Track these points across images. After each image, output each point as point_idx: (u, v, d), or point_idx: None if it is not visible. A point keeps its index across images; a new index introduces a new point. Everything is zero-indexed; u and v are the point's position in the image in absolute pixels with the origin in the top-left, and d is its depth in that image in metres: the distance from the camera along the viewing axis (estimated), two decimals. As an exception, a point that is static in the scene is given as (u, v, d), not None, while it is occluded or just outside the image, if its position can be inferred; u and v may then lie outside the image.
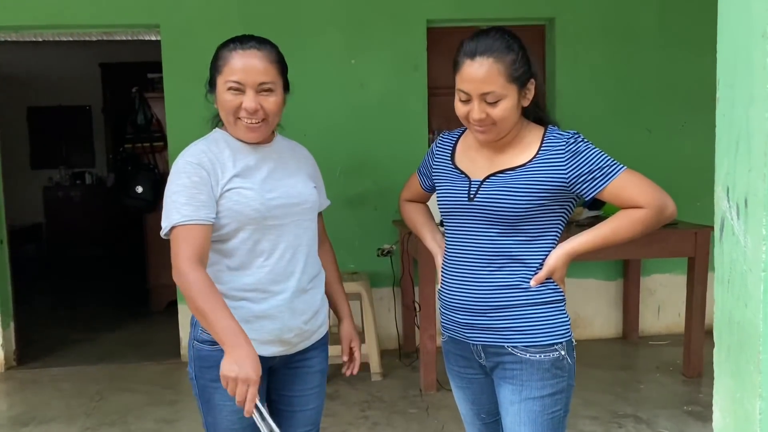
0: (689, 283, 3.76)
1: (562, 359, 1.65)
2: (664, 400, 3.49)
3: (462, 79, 1.61)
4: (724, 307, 1.39)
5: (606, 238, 1.64)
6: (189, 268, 1.55)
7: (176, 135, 4.16)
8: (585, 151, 1.61)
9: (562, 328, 1.66)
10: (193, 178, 1.61)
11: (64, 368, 4.19)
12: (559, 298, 1.67)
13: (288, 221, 1.70)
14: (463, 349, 1.74)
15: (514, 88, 1.60)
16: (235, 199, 1.64)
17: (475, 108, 1.59)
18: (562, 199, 1.65)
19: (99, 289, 6.65)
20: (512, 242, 1.64)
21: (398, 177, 4.28)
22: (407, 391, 3.67)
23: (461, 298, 1.69)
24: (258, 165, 1.71)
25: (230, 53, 1.65)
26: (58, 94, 8.25)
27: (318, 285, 1.81)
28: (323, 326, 1.84)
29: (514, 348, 1.64)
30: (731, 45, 1.32)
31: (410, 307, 4.17)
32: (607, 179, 1.59)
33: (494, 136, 1.63)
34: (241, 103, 1.64)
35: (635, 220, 1.61)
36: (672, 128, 4.48)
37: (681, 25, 4.41)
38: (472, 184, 1.68)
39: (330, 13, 4.23)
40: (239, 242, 1.67)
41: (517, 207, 1.61)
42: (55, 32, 4.48)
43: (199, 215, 1.59)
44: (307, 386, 1.83)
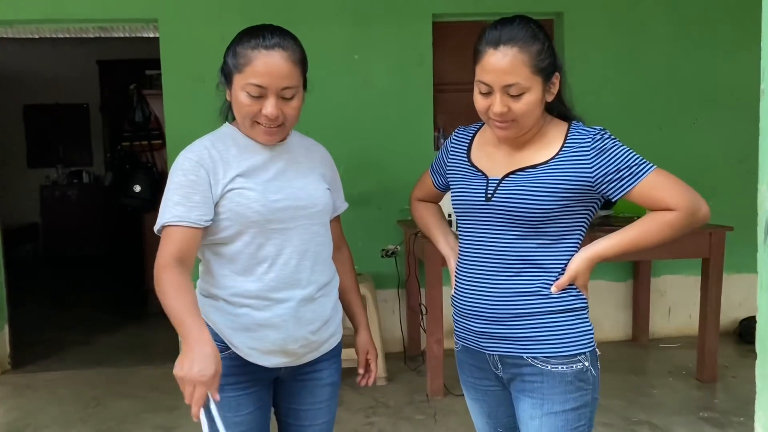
0: (703, 285, 3.66)
1: (585, 371, 1.53)
2: (678, 406, 3.38)
3: (483, 70, 1.49)
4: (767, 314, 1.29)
5: (633, 242, 1.53)
6: (165, 266, 1.47)
7: (175, 133, 4.05)
8: (612, 148, 1.49)
9: (586, 338, 1.54)
10: (189, 176, 1.52)
11: (59, 372, 4.08)
12: (582, 305, 1.56)
13: (294, 225, 1.59)
14: (479, 360, 1.63)
15: (539, 80, 1.49)
16: (237, 200, 1.53)
17: (497, 101, 1.48)
18: (586, 199, 1.53)
19: (96, 290, 6.54)
20: (532, 245, 1.53)
21: (403, 175, 4.21)
22: (413, 397, 3.56)
23: (476, 305, 1.58)
24: (266, 165, 1.59)
25: (253, 52, 1.51)
26: (55, 92, 8.15)
27: (329, 293, 1.69)
28: (334, 337, 1.72)
29: (534, 359, 1.53)
30: (779, 31, 1.21)
31: (415, 309, 4.06)
32: (635, 179, 1.48)
33: (515, 132, 1.53)
34: (261, 109, 1.52)
35: (665, 224, 1.50)
36: (683, 125, 4.38)
37: (692, 19, 4.32)
38: (489, 182, 1.57)
39: (333, 7, 4.12)
40: (242, 246, 1.56)
41: (538, 207, 1.50)
42: (51, 27, 4.36)
43: (190, 217, 1.50)
44: (316, 399, 1.72)
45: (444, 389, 3.53)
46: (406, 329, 4.25)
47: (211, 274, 1.60)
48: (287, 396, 1.71)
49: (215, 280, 1.58)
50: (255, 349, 1.58)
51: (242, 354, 1.59)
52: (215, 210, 1.54)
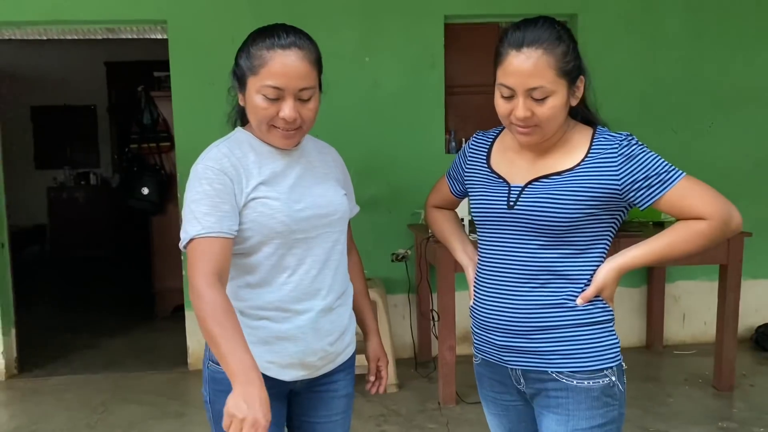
0: (721, 292, 3.59)
1: (612, 386, 1.48)
2: (696, 415, 3.32)
3: (505, 73, 1.42)
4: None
5: (663, 252, 1.47)
6: (206, 288, 1.36)
7: (183, 135, 4.01)
8: (640, 154, 1.44)
9: (612, 351, 1.49)
10: (215, 185, 1.44)
11: (66, 377, 4.04)
12: (608, 317, 1.50)
13: (316, 234, 1.53)
14: (500, 374, 1.58)
15: (564, 84, 1.43)
16: (260, 210, 1.47)
17: (520, 105, 1.42)
18: (612, 207, 1.47)
19: (103, 292, 6.50)
20: (556, 256, 1.47)
21: (414, 179, 4.17)
22: (425, 405, 3.50)
23: (498, 317, 1.52)
24: (285, 171, 1.53)
25: (269, 53, 1.44)
26: (62, 93, 8.14)
27: (346, 302, 1.64)
28: (350, 346, 1.68)
29: (559, 374, 1.48)
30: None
31: (426, 314, 4.01)
32: (665, 187, 1.43)
33: (538, 138, 1.47)
34: (278, 112, 1.46)
35: (697, 234, 1.44)
36: (698, 129, 4.31)
37: (708, 20, 4.25)
38: (512, 190, 1.51)
39: (343, 9, 4.07)
40: (263, 257, 1.50)
41: (562, 216, 1.44)
42: (59, 29, 4.32)
43: (222, 227, 1.42)
44: (332, 412, 1.66)
45: (456, 397, 3.47)
46: (417, 335, 4.19)
47: (230, 285, 1.52)
48: (302, 409, 1.66)
49: (234, 292, 1.52)
50: (273, 363, 1.53)
51: (260, 368, 1.51)
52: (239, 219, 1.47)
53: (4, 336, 4.04)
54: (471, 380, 3.58)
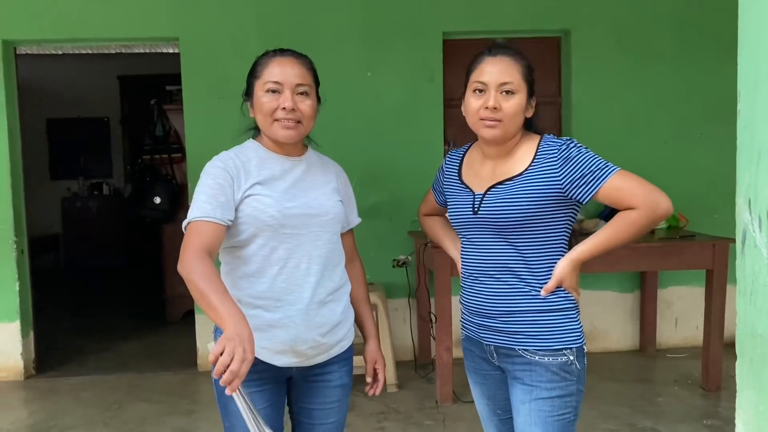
0: (707, 296, 3.73)
1: (570, 363, 1.70)
2: (683, 414, 3.46)
3: (481, 72, 1.70)
4: (747, 319, 1.38)
5: (607, 241, 1.69)
6: (194, 258, 1.55)
7: (194, 146, 4.21)
8: (577, 156, 1.66)
9: (573, 335, 1.71)
10: (217, 179, 1.68)
11: (82, 377, 4.23)
12: (569, 305, 1.72)
13: (306, 231, 1.72)
14: (478, 348, 1.83)
15: (525, 89, 1.71)
16: (254, 205, 1.68)
17: (492, 96, 1.67)
18: (562, 205, 1.70)
19: (116, 299, 6.71)
20: (519, 250, 1.71)
21: (414, 188, 4.32)
22: (423, 403, 3.67)
23: (476, 302, 1.79)
24: (283, 175, 1.75)
25: (269, 60, 1.74)
26: (77, 106, 8.37)
27: (339, 298, 1.81)
28: (345, 340, 1.84)
29: (524, 351, 1.71)
30: (752, 57, 1.32)
31: (426, 318, 4.17)
32: (599, 182, 1.64)
33: (501, 133, 1.70)
34: (279, 105, 1.70)
35: (629, 222, 1.65)
36: (689, 140, 4.46)
37: (697, 36, 4.41)
38: (475, 197, 1.76)
39: (347, 26, 4.27)
40: (256, 248, 1.69)
41: (517, 216, 1.68)
42: (75, 45, 4.54)
43: (215, 214, 1.63)
44: (327, 400, 1.83)
45: (453, 396, 3.63)
46: (417, 337, 4.35)
47: (230, 276, 1.72)
48: (300, 395, 1.83)
49: (233, 282, 1.71)
50: (266, 348, 1.70)
51: (255, 352, 1.64)
52: (235, 214, 1.68)
53: (24, 338, 4.23)
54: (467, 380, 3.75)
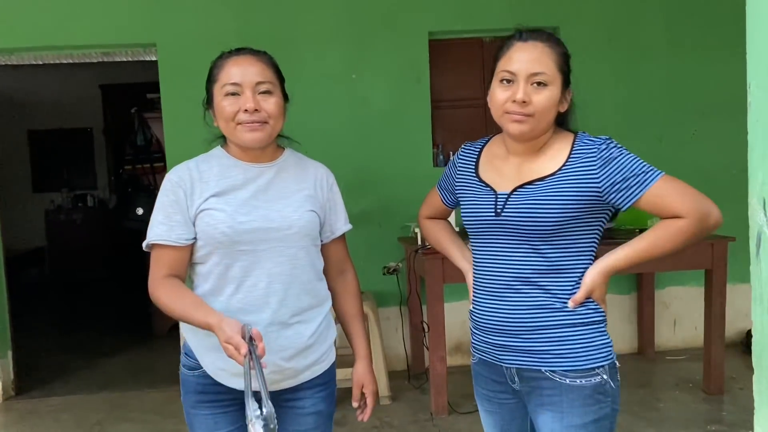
0: (707, 297, 3.63)
1: (604, 384, 1.53)
2: (685, 420, 3.35)
3: (509, 60, 1.52)
4: (764, 330, 1.26)
5: (646, 251, 1.52)
6: (157, 286, 1.56)
7: (175, 155, 4.07)
8: (619, 157, 1.49)
9: (604, 350, 1.54)
10: (170, 196, 1.59)
11: (63, 398, 4.07)
12: (599, 318, 1.55)
13: (264, 247, 1.58)
14: (496, 373, 1.63)
15: (560, 81, 1.52)
16: (206, 221, 1.58)
17: (521, 88, 1.49)
18: (596, 210, 1.53)
19: (101, 313, 6.54)
20: (545, 259, 1.53)
21: (403, 192, 4.23)
22: (417, 416, 3.54)
23: (493, 318, 1.59)
24: (245, 184, 1.61)
25: (225, 61, 1.62)
26: (58, 116, 8.21)
27: (309, 320, 1.64)
28: (318, 365, 1.68)
29: (552, 372, 1.53)
30: (763, 45, 1.21)
31: (418, 326, 4.05)
32: (643, 187, 1.47)
33: (529, 130, 1.52)
34: (240, 107, 1.56)
35: (676, 231, 1.49)
36: (682, 137, 4.37)
37: (688, 32, 4.33)
38: (498, 197, 1.57)
39: (330, 28, 4.15)
40: (212, 266, 1.60)
41: (547, 220, 1.51)
42: (53, 53, 4.42)
43: (171, 236, 1.58)
44: (301, 428, 1.68)
45: (448, 407, 3.50)
46: (410, 347, 4.23)
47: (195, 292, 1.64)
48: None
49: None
50: (224, 370, 1.58)
51: (211, 374, 1.60)
52: (194, 229, 1.60)
53: (1, 358, 4.08)
54: (463, 390, 3.61)
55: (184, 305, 1.52)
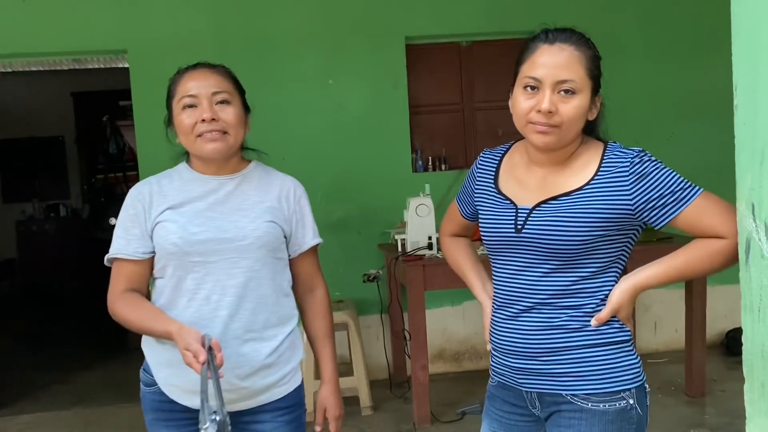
0: (688, 299, 3.64)
1: (630, 409, 1.42)
2: (669, 423, 3.34)
3: (534, 65, 1.39)
4: (755, 339, 1.24)
5: (680, 271, 1.41)
6: (115, 301, 1.57)
7: (148, 163, 3.98)
8: (654, 171, 1.38)
9: (631, 372, 1.43)
10: (129, 210, 1.61)
11: (34, 415, 3.96)
12: (625, 338, 1.44)
13: (216, 259, 1.55)
14: (515, 397, 1.53)
15: (590, 87, 1.40)
16: (160, 233, 1.57)
17: (546, 97, 1.37)
18: (626, 227, 1.42)
19: (74, 325, 6.39)
20: (569, 278, 1.42)
21: (382, 199, 4.18)
22: (400, 426, 3.49)
23: (512, 340, 1.48)
24: (204, 196, 1.60)
25: (180, 76, 1.62)
26: (29, 125, 8.03)
27: (268, 338, 1.58)
28: (279, 388, 1.61)
29: (573, 396, 1.43)
30: (749, 47, 1.19)
31: (399, 335, 3.99)
32: (680, 206, 1.37)
33: (554, 141, 1.40)
34: (198, 118, 1.55)
35: (715, 253, 1.37)
36: (659, 139, 4.38)
37: (665, 36, 4.36)
38: (519, 212, 1.46)
39: (306, 33, 4.10)
40: (167, 279, 1.59)
41: (572, 240, 1.39)
42: (23, 61, 4.31)
43: (128, 250, 1.59)
44: None
45: (431, 417, 3.45)
46: (391, 355, 4.17)
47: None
48: None
49: None
50: (176, 386, 1.56)
51: (165, 390, 1.58)
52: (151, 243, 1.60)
53: (-31, 375, 3.96)
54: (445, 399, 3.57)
55: (141, 316, 1.53)
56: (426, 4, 4.17)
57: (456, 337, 4.22)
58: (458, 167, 4.22)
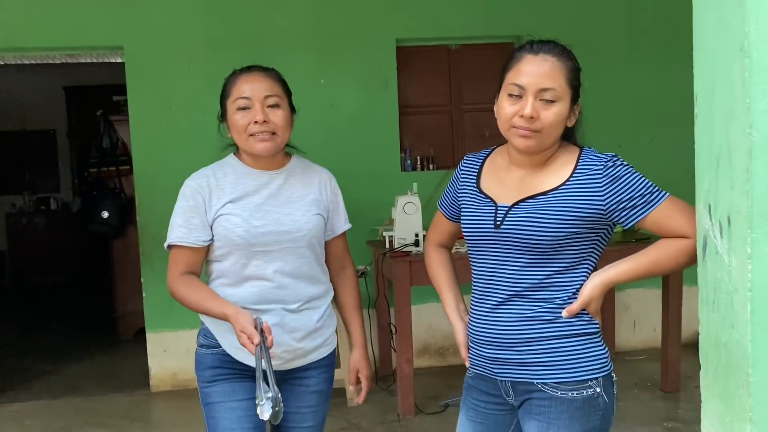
0: (664, 298, 3.77)
1: (596, 397, 1.52)
2: (643, 417, 3.46)
3: (519, 73, 1.50)
4: (710, 328, 1.36)
5: (647, 268, 1.52)
6: (175, 281, 1.76)
7: (142, 158, 4.06)
8: (625, 175, 1.49)
9: (598, 362, 1.53)
10: (189, 201, 1.77)
11: (26, 403, 4.02)
12: (593, 330, 1.55)
13: (277, 248, 1.76)
14: (491, 386, 1.62)
15: (569, 96, 1.51)
16: (224, 225, 1.75)
17: (529, 104, 1.47)
18: (597, 226, 1.53)
19: (65, 318, 6.44)
20: (543, 272, 1.53)
21: (371, 196, 4.28)
22: (384, 417, 3.59)
23: (487, 331, 1.58)
24: (258, 190, 1.78)
25: (236, 78, 1.79)
26: (21, 118, 8.07)
27: (316, 306, 1.84)
28: (325, 348, 1.87)
29: (544, 385, 1.53)
30: (708, 60, 1.30)
31: (386, 329, 4.10)
32: (649, 207, 1.48)
33: (535, 145, 1.51)
34: (251, 119, 1.73)
35: (680, 251, 1.47)
36: (640, 144, 4.51)
37: (648, 41, 4.47)
38: (498, 209, 1.57)
39: (299, 33, 4.19)
40: (230, 264, 1.78)
41: (547, 235, 1.50)
42: (18, 55, 4.36)
43: (190, 239, 1.76)
44: (303, 404, 1.86)
45: (415, 408, 3.56)
46: (377, 349, 4.27)
47: (212, 285, 1.83)
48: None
49: (215, 289, 1.80)
50: (241, 349, 1.71)
51: (230, 352, 1.77)
52: (211, 232, 1.77)
53: (-38, 364, 4.02)
54: (429, 392, 3.69)
55: (201, 297, 1.73)
56: (417, 8, 4.26)
57: (441, 332, 4.33)
58: (446, 167, 4.32)
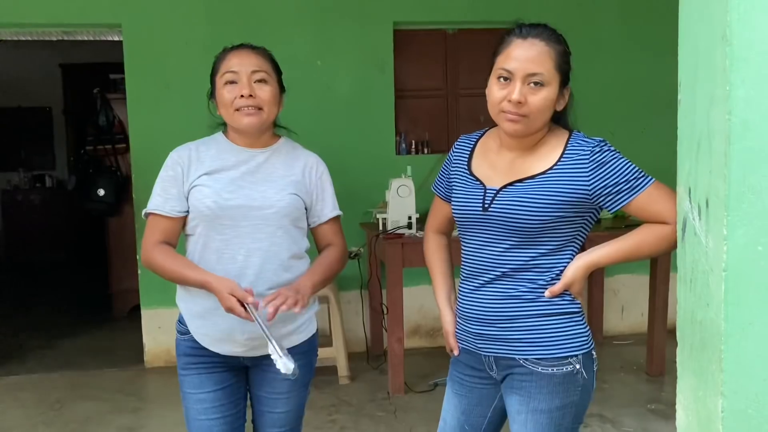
0: (652, 284, 3.83)
1: (576, 373, 1.57)
2: (628, 399, 3.54)
3: (508, 57, 1.51)
4: (687, 306, 1.41)
5: (629, 252, 1.56)
6: (149, 250, 1.76)
7: (139, 137, 4.08)
8: (611, 161, 1.52)
9: (578, 340, 1.58)
10: (169, 172, 1.78)
11: (22, 376, 4.08)
12: (574, 309, 1.60)
13: (246, 224, 1.74)
14: (475, 361, 1.67)
15: (558, 80, 1.53)
16: (196, 196, 1.75)
17: (517, 89, 1.49)
18: (583, 210, 1.57)
19: (60, 295, 6.48)
20: (528, 254, 1.57)
21: (365, 179, 4.32)
22: (375, 395, 3.66)
23: (474, 308, 1.63)
24: (237, 166, 1.78)
25: (225, 54, 1.79)
26: (16, 95, 8.04)
27: None
28: (294, 336, 1.82)
29: (525, 360, 1.58)
30: (692, 48, 1.34)
31: (378, 310, 4.16)
32: (633, 192, 1.51)
33: (523, 129, 1.53)
34: (237, 93, 1.72)
35: (661, 237, 1.52)
36: (633, 132, 4.54)
37: (641, 29, 4.49)
38: (487, 192, 1.60)
39: (296, 15, 4.20)
40: (197, 237, 1.78)
41: (533, 218, 1.53)
42: (14, 32, 4.36)
43: (165, 207, 1.76)
44: (274, 390, 1.85)
45: (405, 387, 3.63)
46: (369, 329, 4.34)
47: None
48: (252, 383, 1.88)
49: None
50: (207, 335, 1.75)
51: (197, 338, 1.77)
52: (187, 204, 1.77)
53: (-42, 337, 4.06)
54: (419, 371, 3.75)
55: (177, 266, 1.72)
56: (415, -9, 4.28)
57: (432, 314, 4.39)
58: (440, 151, 4.36)
